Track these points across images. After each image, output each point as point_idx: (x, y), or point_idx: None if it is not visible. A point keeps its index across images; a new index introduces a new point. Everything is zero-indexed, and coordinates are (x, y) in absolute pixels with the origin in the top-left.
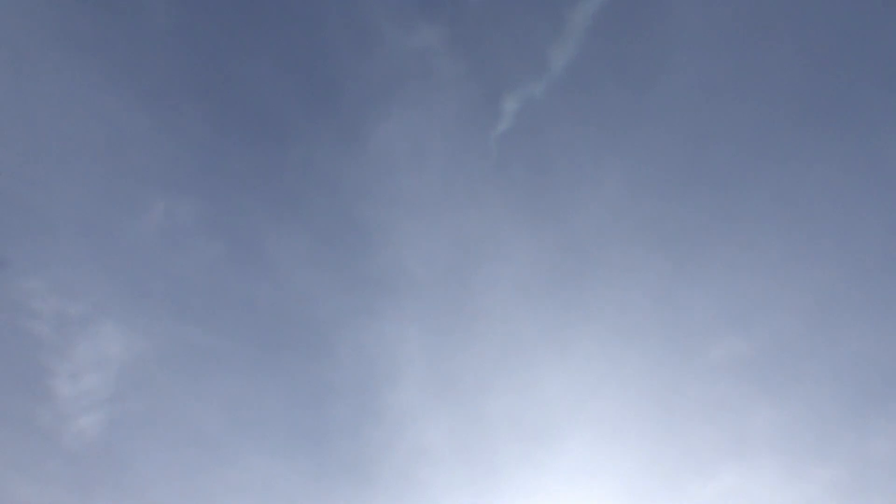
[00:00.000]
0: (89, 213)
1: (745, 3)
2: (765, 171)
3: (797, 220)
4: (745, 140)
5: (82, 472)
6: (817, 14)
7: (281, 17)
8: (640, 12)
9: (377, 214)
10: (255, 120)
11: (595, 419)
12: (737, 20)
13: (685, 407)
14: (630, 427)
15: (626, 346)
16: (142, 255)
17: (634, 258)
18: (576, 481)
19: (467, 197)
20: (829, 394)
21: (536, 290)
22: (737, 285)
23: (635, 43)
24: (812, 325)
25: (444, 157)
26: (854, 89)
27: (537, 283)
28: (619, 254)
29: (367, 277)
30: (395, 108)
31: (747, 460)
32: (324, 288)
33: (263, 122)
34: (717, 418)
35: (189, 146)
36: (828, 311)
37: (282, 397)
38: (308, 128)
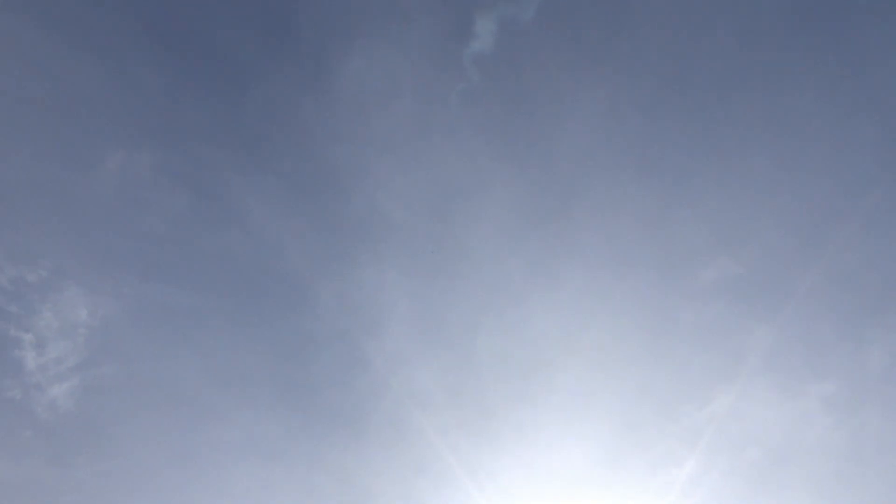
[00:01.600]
0: (40, 172)
1: None
2: (751, 89)
3: (785, 135)
4: (731, 58)
5: (59, 442)
6: None
7: None
8: None
9: (349, 155)
10: (212, 62)
11: (586, 351)
12: None
13: (677, 332)
14: (622, 357)
15: (615, 276)
16: (100, 212)
17: (621, 184)
18: (569, 415)
19: (444, 132)
20: (823, 309)
21: (521, 224)
22: (726, 205)
23: None
24: (803, 240)
25: (416, 91)
26: (841, 4)
27: (522, 216)
28: (605, 181)
29: (343, 222)
30: (361, 40)
31: (742, 382)
32: (298, 236)
33: (220, 64)
34: (710, 342)
35: (142, 94)
36: (819, 226)
37: (263, 351)
38: (268, 67)
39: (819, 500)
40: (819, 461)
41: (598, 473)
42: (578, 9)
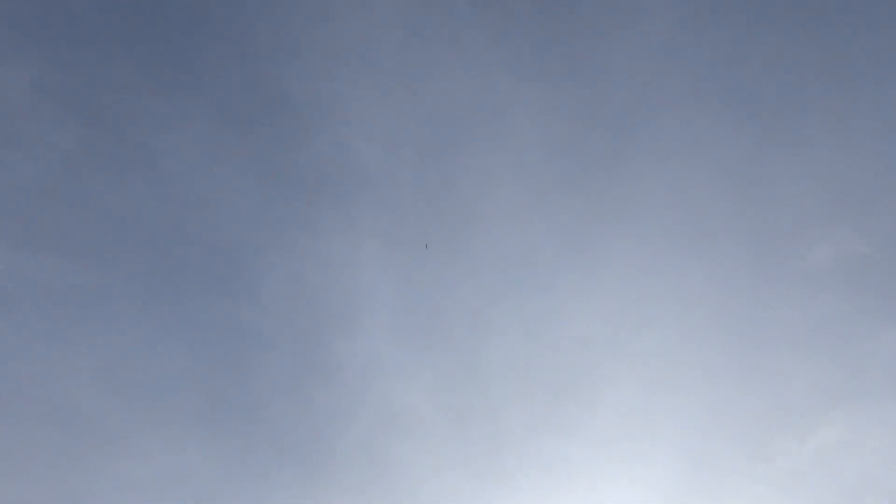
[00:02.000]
0: None
1: None
2: None
3: None
4: None
5: None
6: None
7: None
8: None
9: (311, 80)
10: None
11: (642, 360)
12: None
13: (774, 335)
14: (694, 369)
15: (685, 256)
16: None
17: (697, 127)
18: (616, 450)
19: (445, 40)
20: None
21: (551, 179)
22: (848, 158)
23: None
24: None
25: None
26: None
27: (552, 169)
28: (675, 121)
29: (301, 173)
30: None
31: (861, 405)
32: (234, 189)
33: None
34: (819, 348)
35: None
36: None
37: (183, 353)
38: None
39: None
40: None
41: None
42: None
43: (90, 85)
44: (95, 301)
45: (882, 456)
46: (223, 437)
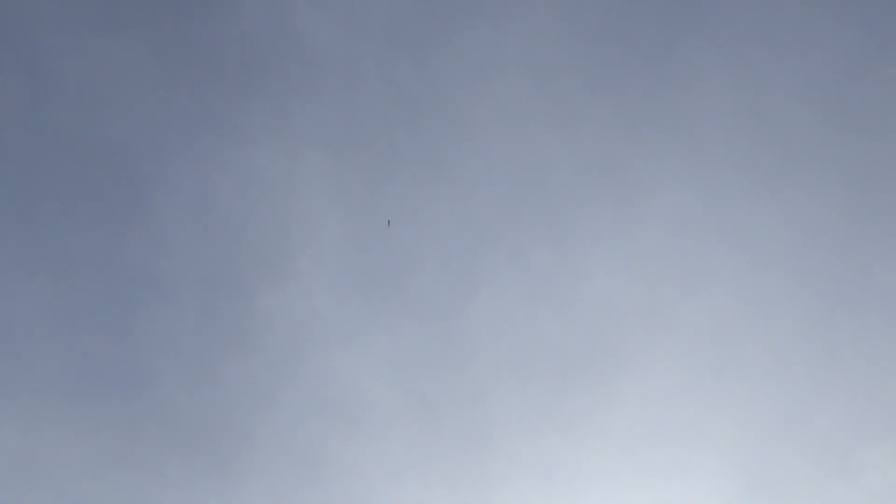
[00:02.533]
0: None
1: None
2: None
3: None
4: None
5: None
6: None
7: None
8: None
9: None
10: None
11: (684, 340)
12: None
13: (877, 310)
14: (756, 353)
15: (757, 189)
16: None
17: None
18: (639, 463)
19: None
20: None
21: (572, 74)
22: None
23: None
24: None
25: None
26: None
27: (574, 59)
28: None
29: (219, 54)
30: None
31: None
32: (129, 77)
33: None
34: None
35: None
36: None
37: (48, 297)
38: None
39: None
40: None
41: None
42: None
43: None
44: None
45: None
46: (97, 415)
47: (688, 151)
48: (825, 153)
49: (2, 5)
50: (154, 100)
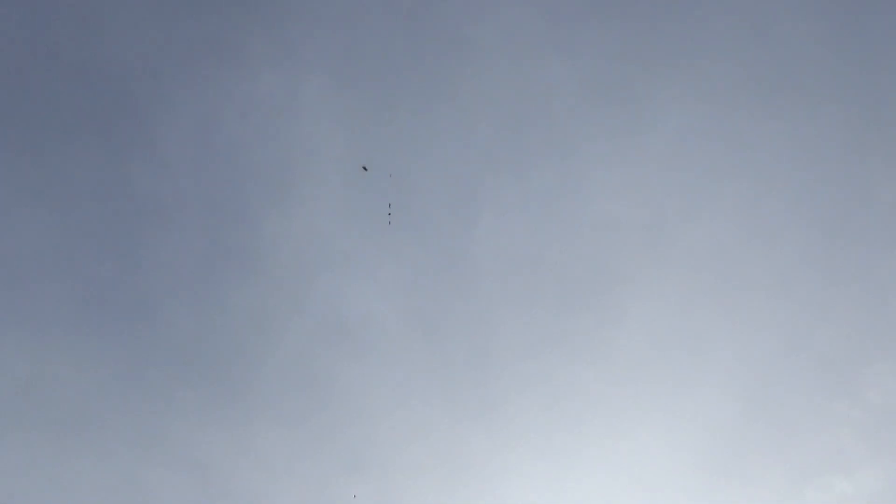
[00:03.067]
0: None
1: None
2: None
3: None
4: None
5: None
6: None
7: None
8: None
9: None
10: None
11: (691, 260)
12: None
13: (882, 229)
14: (762, 274)
15: (766, 111)
16: None
17: None
18: (644, 383)
19: None
20: None
21: None
22: None
23: None
24: None
25: None
26: None
27: None
28: None
29: None
30: None
31: None
32: (131, 1)
33: None
34: None
35: None
36: None
37: (53, 222)
38: None
39: None
40: None
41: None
42: None
43: None
44: None
45: None
46: (103, 342)
47: (691, 75)
48: (827, 76)
49: None
50: (157, 26)
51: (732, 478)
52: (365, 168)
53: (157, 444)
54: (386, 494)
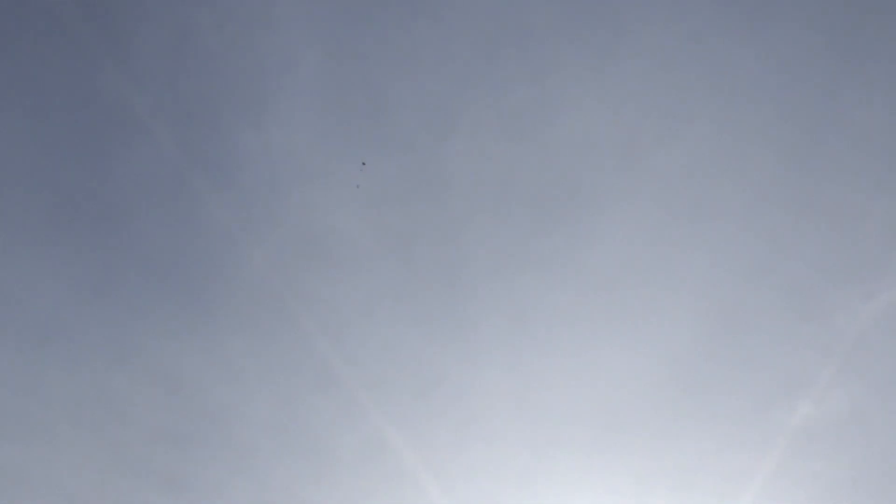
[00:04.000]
0: None
1: None
2: None
3: None
4: None
5: None
6: None
7: None
8: None
9: None
10: None
11: (663, 178)
12: None
13: (854, 154)
14: (732, 195)
15: (739, 31)
16: None
17: None
18: (614, 303)
19: None
20: None
21: None
22: None
23: None
24: None
25: None
26: None
27: None
28: None
29: None
30: None
31: None
32: None
33: None
34: None
35: None
36: None
37: (19, 128)
38: None
39: None
40: None
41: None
42: None
43: None
44: None
45: None
46: (73, 250)
47: None
48: (809, 4)
49: None
50: None
51: (697, 398)
52: (364, 163)
53: (127, 355)
54: (354, 410)
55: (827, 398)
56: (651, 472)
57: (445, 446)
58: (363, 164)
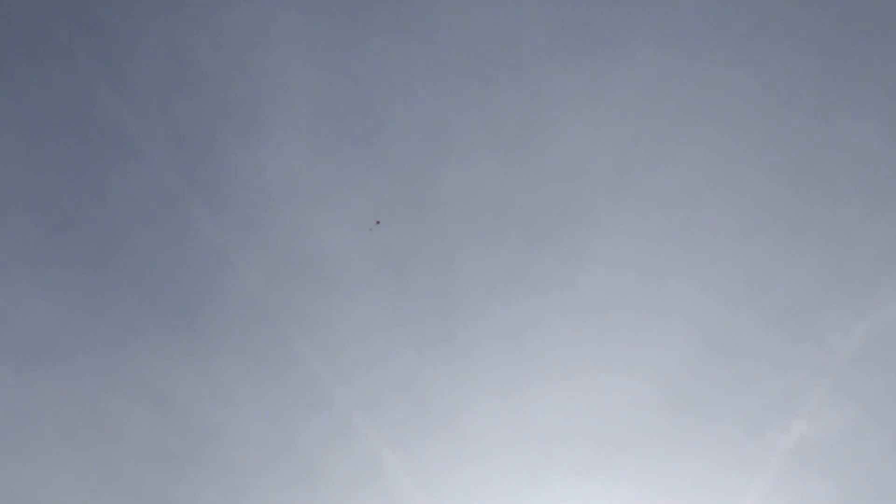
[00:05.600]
0: None
1: None
2: None
3: None
4: None
5: None
6: None
7: None
8: None
9: None
10: None
11: (655, 200)
12: None
13: (846, 173)
14: (725, 216)
15: (733, 51)
16: None
17: None
18: (607, 324)
19: None
20: None
21: None
22: None
23: None
24: None
25: None
26: None
27: None
28: None
29: None
30: None
31: None
32: None
33: None
34: None
35: None
36: None
37: (16, 146)
38: None
39: None
40: None
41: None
42: None
43: None
44: None
45: None
46: (67, 270)
47: (662, 12)
48: (800, 15)
49: None
50: None
51: (691, 419)
52: (378, 222)
53: (121, 374)
54: (348, 430)
55: (820, 417)
56: (645, 492)
57: (439, 467)
58: (377, 222)
